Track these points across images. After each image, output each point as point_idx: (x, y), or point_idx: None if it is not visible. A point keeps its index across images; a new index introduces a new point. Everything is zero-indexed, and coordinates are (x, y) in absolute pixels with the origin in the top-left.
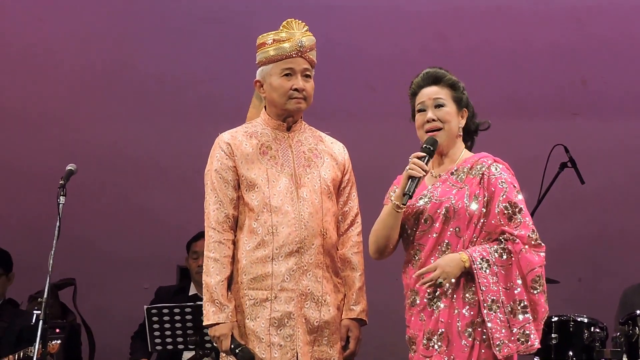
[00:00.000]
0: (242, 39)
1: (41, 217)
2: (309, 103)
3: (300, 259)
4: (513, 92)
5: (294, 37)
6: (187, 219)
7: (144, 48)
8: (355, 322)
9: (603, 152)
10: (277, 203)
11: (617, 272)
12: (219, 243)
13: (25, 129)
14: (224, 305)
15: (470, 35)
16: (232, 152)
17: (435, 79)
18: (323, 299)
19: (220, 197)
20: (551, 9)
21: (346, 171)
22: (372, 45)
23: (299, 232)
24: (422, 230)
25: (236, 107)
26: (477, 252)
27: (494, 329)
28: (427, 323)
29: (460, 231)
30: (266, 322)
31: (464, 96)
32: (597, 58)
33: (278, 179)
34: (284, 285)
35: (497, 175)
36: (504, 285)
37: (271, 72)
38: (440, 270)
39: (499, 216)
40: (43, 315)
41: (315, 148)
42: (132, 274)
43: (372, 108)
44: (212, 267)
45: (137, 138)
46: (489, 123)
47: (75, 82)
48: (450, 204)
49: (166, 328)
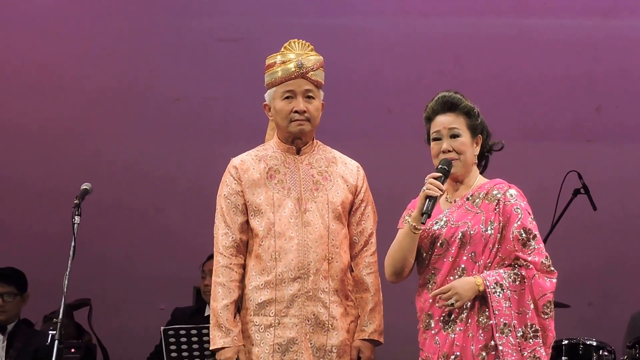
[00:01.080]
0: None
1: (57, 237)
2: (314, 124)
3: (304, 284)
4: (527, 118)
5: (293, 59)
6: (204, 240)
7: (161, 68)
8: (367, 342)
9: (616, 179)
10: (281, 228)
11: (626, 298)
12: (226, 268)
13: (42, 148)
14: (229, 330)
15: (487, 61)
16: (240, 177)
17: (451, 105)
18: (330, 324)
19: (229, 222)
20: (567, 36)
21: (359, 192)
22: (389, 68)
23: (302, 258)
24: (437, 254)
25: (252, 127)
26: (492, 276)
27: (505, 352)
28: (441, 346)
29: (475, 256)
30: (270, 348)
31: (478, 122)
32: (612, 85)
33: (283, 203)
34: (288, 311)
35: (512, 202)
36: (516, 309)
37: (274, 95)
38: (454, 292)
39: (513, 242)
40: (58, 335)
41: (326, 170)
42: (148, 294)
43: (389, 131)
44: (218, 292)
45: (155, 158)
46: (502, 144)
47: (92, 102)
48: (467, 229)
49: (183, 349)
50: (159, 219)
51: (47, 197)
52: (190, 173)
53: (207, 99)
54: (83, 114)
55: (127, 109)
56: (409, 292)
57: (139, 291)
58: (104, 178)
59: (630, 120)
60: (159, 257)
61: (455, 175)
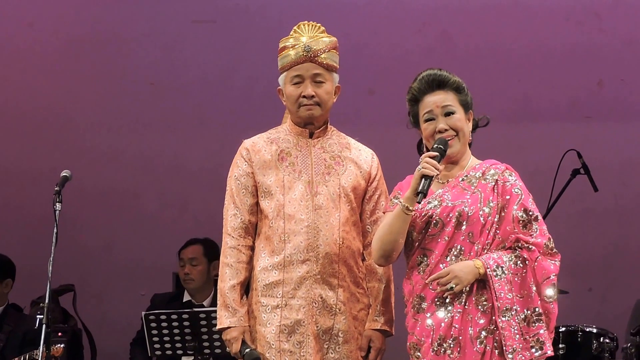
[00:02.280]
0: (233, 41)
1: (41, 223)
2: (324, 108)
3: (313, 267)
4: (523, 94)
5: (300, 43)
6: (183, 226)
7: (135, 52)
8: (378, 333)
9: (618, 158)
10: (290, 210)
11: (628, 283)
12: (234, 249)
13: (22, 135)
14: (235, 310)
15: (478, 35)
16: (250, 158)
17: (439, 83)
18: (337, 308)
19: (238, 204)
20: (567, 4)
21: (373, 180)
22: (370, 45)
23: (311, 241)
24: (431, 234)
25: (229, 112)
26: (492, 259)
27: (507, 336)
28: (436, 329)
29: (473, 236)
30: (276, 328)
31: (468, 98)
32: (615, 58)
33: (294, 186)
34: (295, 293)
35: (512, 182)
36: (518, 293)
37: (285, 79)
38: (453, 275)
39: (513, 223)
40: (46, 320)
41: (339, 155)
42: (129, 280)
43: (371, 113)
44: (226, 273)
45: (132, 143)
46: (487, 119)
47: (68, 88)
48: (464, 208)
49: (165, 334)
50: (138, 205)
51: (29, 183)
52: (167, 158)
53: (182, 83)
54: (59, 100)
55: (102, 95)
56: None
57: (120, 277)
58: (83, 164)
59: (634, 96)
60: (138, 243)
61: (453, 156)
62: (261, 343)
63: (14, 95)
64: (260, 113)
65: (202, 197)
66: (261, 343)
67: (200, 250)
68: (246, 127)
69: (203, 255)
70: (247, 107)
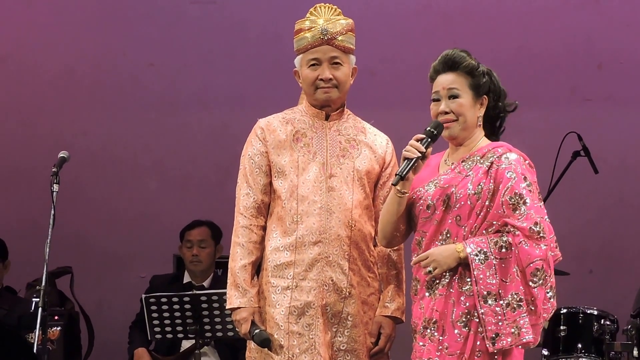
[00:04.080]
0: (232, 22)
1: (37, 206)
2: (342, 91)
3: (324, 249)
4: (523, 77)
5: (317, 25)
6: (182, 208)
7: (133, 33)
8: (388, 319)
9: (618, 140)
10: (304, 192)
11: (630, 265)
12: (246, 228)
13: (20, 115)
14: (245, 290)
15: (477, 17)
16: (265, 137)
17: (452, 64)
18: (348, 292)
19: (251, 183)
20: None
21: (387, 165)
22: (371, 28)
23: (324, 222)
24: (424, 217)
25: (229, 93)
26: (475, 242)
27: (488, 321)
28: (425, 311)
29: (460, 220)
30: (286, 310)
31: (483, 82)
32: (615, 41)
33: (308, 167)
34: (306, 274)
35: (505, 166)
36: (503, 277)
37: (301, 62)
38: (431, 259)
39: (503, 207)
40: (42, 303)
41: (354, 139)
42: (128, 262)
43: (372, 96)
44: (237, 252)
45: (130, 129)
46: (516, 104)
47: (66, 71)
48: (452, 191)
49: (165, 317)
50: (138, 186)
51: (26, 164)
52: (167, 140)
53: (181, 65)
54: (57, 83)
55: (100, 77)
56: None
57: (119, 259)
58: (81, 147)
59: (634, 79)
60: (138, 225)
61: (455, 138)
62: (270, 324)
63: (13, 73)
64: (260, 93)
65: (203, 178)
66: (270, 324)
67: (208, 232)
68: (246, 108)
69: (211, 238)
70: (248, 87)
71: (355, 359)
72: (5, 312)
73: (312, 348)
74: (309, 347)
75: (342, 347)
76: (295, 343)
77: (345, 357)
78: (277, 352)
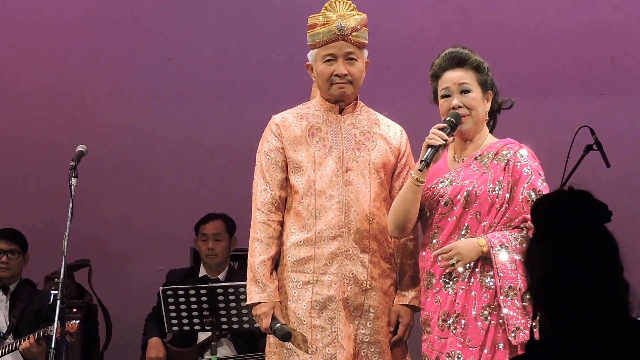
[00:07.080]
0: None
1: (56, 198)
2: (356, 86)
3: (344, 243)
4: (537, 71)
5: (333, 21)
6: (201, 201)
7: (152, 27)
8: (407, 308)
9: (631, 134)
10: (321, 186)
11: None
12: (264, 224)
13: (39, 109)
14: (265, 285)
15: (494, 12)
16: (281, 133)
17: (459, 60)
18: (368, 284)
19: (268, 179)
20: None
21: (402, 156)
22: (387, 21)
23: (342, 216)
24: (441, 213)
25: (246, 86)
26: (497, 238)
27: (510, 315)
28: (442, 305)
29: (481, 216)
30: (307, 304)
31: (488, 78)
32: (628, 35)
33: (324, 162)
34: (326, 269)
35: (522, 162)
36: (522, 272)
37: (316, 57)
38: (455, 252)
39: (522, 203)
40: (60, 295)
41: (369, 131)
42: (146, 255)
43: (388, 89)
44: (256, 248)
45: (150, 118)
46: (512, 101)
47: (85, 62)
48: (472, 188)
49: (182, 309)
50: (155, 179)
51: (45, 158)
52: (185, 132)
53: (199, 58)
54: (77, 75)
55: (120, 69)
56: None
57: (137, 252)
58: (100, 139)
59: None
60: (155, 218)
61: (466, 133)
62: (291, 319)
63: (32, 69)
64: (277, 87)
65: (219, 171)
66: (291, 319)
67: (223, 225)
68: (263, 101)
69: (226, 231)
70: (265, 81)
71: (379, 350)
72: (24, 304)
73: (335, 341)
74: (332, 340)
75: (365, 339)
76: (318, 337)
77: (369, 349)
78: (300, 346)
